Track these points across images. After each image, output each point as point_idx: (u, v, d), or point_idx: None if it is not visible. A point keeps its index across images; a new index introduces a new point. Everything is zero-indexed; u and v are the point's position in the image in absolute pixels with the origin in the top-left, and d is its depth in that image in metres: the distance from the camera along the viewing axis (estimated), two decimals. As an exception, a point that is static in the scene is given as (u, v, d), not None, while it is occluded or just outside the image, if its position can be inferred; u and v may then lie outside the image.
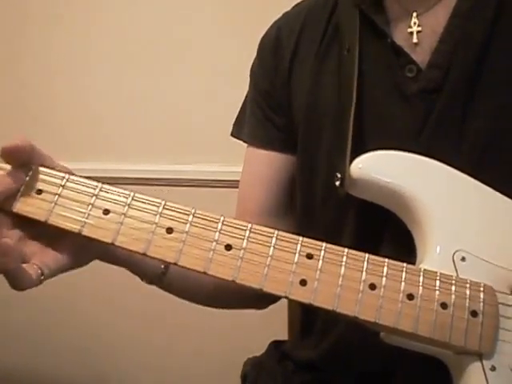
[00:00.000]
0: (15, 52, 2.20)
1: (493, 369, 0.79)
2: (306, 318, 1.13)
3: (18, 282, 0.76)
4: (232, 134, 1.24)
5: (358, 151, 0.91)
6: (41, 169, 0.81)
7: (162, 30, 2.09)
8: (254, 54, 1.21)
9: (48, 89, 2.18)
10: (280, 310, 1.29)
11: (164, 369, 2.12)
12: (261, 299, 1.15)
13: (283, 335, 1.29)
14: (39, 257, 0.79)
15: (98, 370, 2.17)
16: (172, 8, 2.09)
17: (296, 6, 1.19)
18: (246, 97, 1.22)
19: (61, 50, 2.17)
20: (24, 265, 0.77)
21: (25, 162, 0.80)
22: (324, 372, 1.06)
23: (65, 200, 0.80)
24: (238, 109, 1.24)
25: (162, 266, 0.97)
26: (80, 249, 0.83)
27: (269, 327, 1.17)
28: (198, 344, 2.05)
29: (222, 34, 2.04)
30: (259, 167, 1.17)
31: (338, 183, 0.92)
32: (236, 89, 1.23)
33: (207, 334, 2.05)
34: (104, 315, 2.16)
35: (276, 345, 1.19)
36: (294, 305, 1.26)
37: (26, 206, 0.79)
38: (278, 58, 1.13)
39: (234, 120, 1.25)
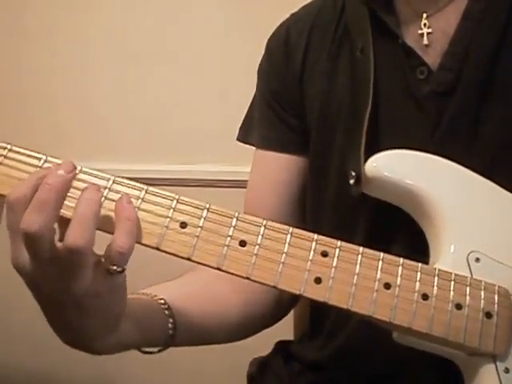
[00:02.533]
0: (17, 53, 2.20)
1: (506, 371, 0.79)
2: (314, 318, 1.13)
3: None
4: (238, 139, 1.22)
5: (371, 151, 0.91)
6: (52, 159, 0.80)
7: (168, 30, 2.09)
8: (262, 52, 1.19)
9: (54, 89, 2.18)
10: (286, 310, 1.28)
11: (169, 369, 2.11)
12: (275, 317, 1.16)
13: (289, 335, 1.28)
14: None
15: (103, 369, 2.16)
16: (177, 7, 2.09)
17: (304, 6, 1.18)
18: (253, 101, 1.21)
19: (66, 50, 2.17)
20: None
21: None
22: (331, 373, 1.05)
23: (77, 192, 0.77)
24: (246, 108, 1.22)
25: (170, 331, 0.92)
26: None
27: (274, 327, 1.16)
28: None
29: (230, 33, 2.04)
30: (271, 170, 1.15)
31: (352, 182, 0.92)
32: (244, 88, 1.22)
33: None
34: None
35: (282, 345, 1.19)
36: (300, 305, 1.25)
37: None
38: (289, 59, 1.12)
39: (241, 121, 1.23)
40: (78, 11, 2.15)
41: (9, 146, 0.79)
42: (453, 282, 0.79)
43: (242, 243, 0.77)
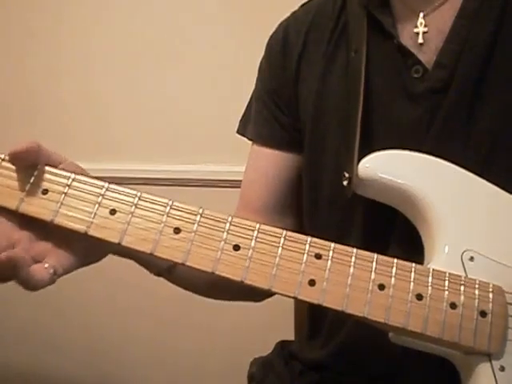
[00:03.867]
0: (22, 53, 2.21)
1: (502, 369, 0.79)
2: (313, 318, 1.13)
3: (29, 284, 0.74)
4: (238, 131, 1.24)
5: (365, 151, 0.91)
6: (46, 168, 0.80)
7: (169, 32, 2.09)
8: (261, 53, 1.20)
9: (55, 89, 2.19)
10: (287, 310, 1.29)
11: (170, 369, 2.12)
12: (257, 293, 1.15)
13: (290, 335, 1.29)
14: (52, 255, 0.78)
15: (103, 370, 2.17)
16: (177, 8, 2.09)
17: (303, 5, 1.19)
18: (252, 95, 1.22)
19: (67, 51, 2.17)
20: (35, 266, 0.75)
21: (32, 162, 0.79)
22: (331, 372, 1.06)
23: (71, 200, 0.79)
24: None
25: None
26: (91, 247, 0.82)
27: (275, 327, 1.17)
28: (204, 344, 2.05)
29: (230, 34, 2.04)
30: (263, 165, 1.17)
31: (345, 183, 0.92)
32: (243, 88, 1.23)
33: (214, 334, 2.05)
34: (109, 314, 2.16)
35: (283, 345, 1.19)
36: (300, 305, 1.26)
37: (31, 207, 0.78)
38: (286, 58, 1.13)
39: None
40: (83, 12, 2.16)
41: (2, 156, 0.80)
42: (447, 282, 0.79)
43: (236, 247, 0.78)
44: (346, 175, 0.92)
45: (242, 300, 1.16)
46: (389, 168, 0.88)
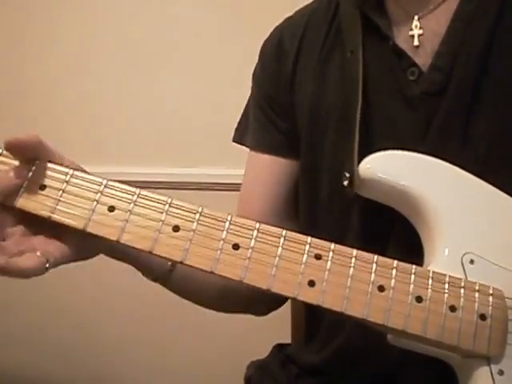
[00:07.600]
0: (17, 54, 2.20)
1: (501, 373, 0.78)
2: (310, 322, 1.13)
3: (21, 271, 0.75)
4: (234, 140, 1.23)
5: (363, 152, 0.91)
6: (45, 164, 0.80)
7: (166, 34, 2.10)
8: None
9: (52, 92, 2.18)
10: (283, 313, 1.28)
11: (166, 372, 2.11)
12: (262, 306, 1.15)
13: (286, 338, 1.28)
14: (44, 246, 0.78)
15: (101, 372, 2.16)
16: (175, 11, 2.09)
17: (298, 11, 1.18)
18: (248, 102, 1.21)
19: (64, 53, 2.16)
20: (28, 254, 0.76)
21: (31, 156, 0.79)
22: (328, 376, 1.05)
23: (69, 196, 0.78)
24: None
25: (169, 264, 0.96)
26: (84, 243, 0.82)
27: (272, 330, 1.16)
28: (201, 347, 2.05)
29: (227, 37, 2.04)
30: (263, 172, 1.16)
31: (346, 183, 0.91)
32: (241, 92, 1.22)
33: (211, 337, 2.04)
34: (106, 318, 2.15)
35: (280, 348, 1.18)
36: (297, 308, 1.25)
37: (29, 202, 0.78)
38: (281, 62, 1.13)
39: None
40: (79, 14, 2.15)
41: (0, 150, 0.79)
42: (447, 284, 0.79)
43: (235, 246, 0.77)
44: (347, 175, 0.91)
45: (245, 313, 1.16)
46: (390, 168, 0.88)
